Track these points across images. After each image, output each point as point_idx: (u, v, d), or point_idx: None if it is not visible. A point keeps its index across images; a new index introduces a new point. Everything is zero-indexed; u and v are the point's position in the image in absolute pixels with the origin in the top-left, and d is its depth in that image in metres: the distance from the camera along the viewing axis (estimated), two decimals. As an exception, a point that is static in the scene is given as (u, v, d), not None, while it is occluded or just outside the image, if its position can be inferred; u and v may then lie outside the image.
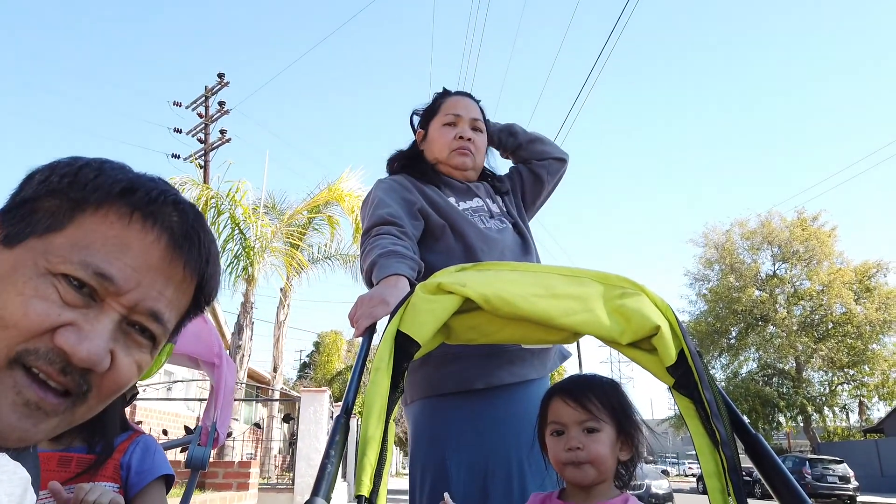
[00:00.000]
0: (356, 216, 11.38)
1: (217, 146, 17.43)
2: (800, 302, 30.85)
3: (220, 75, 17.54)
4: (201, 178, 15.08)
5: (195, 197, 11.36)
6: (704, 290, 33.75)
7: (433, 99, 2.05)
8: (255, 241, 11.86)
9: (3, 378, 0.58)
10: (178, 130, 17.73)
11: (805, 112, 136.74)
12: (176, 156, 17.89)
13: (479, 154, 1.99)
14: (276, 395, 14.30)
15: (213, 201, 11.52)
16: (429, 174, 1.95)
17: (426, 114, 2.04)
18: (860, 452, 26.94)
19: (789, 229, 31.39)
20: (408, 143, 2.11)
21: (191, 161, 17.63)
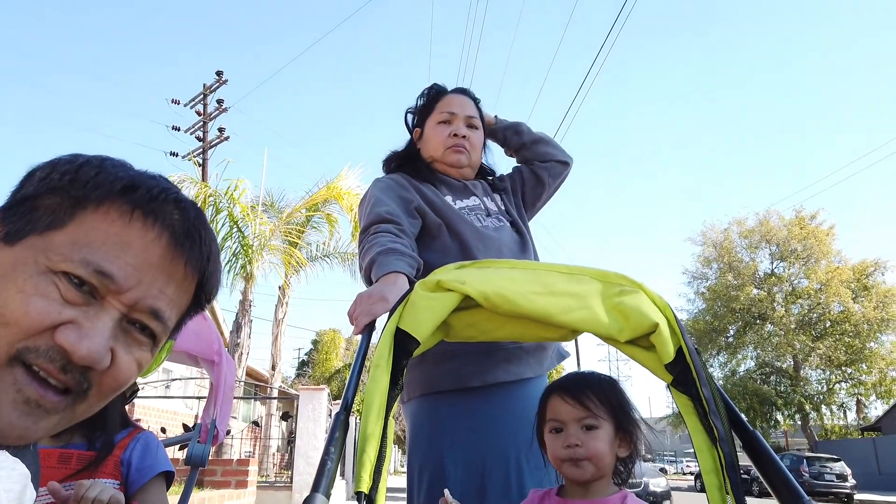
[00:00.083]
0: (355, 214, 11.38)
1: (215, 144, 17.40)
2: (798, 300, 30.89)
3: (219, 73, 17.51)
4: (199, 176, 15.05)
5: (193, 195, 11.33)
6: (703, 289, 33.81)
7: (429, 97, 2.04)
8: (254, 240, 11.85)
9: (4, 376, 0.58)
10: (176, 128, 17.68)
11: (804, 111, 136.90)
12: (174, 154, 17.87)
13: (474, 151, 1.99)
14: (275, 394, 14.30)
15: (212, 199, 11.50)
16: (425, 172, 1.95)
17: (422, 112, 2.04)
18: (858, 450, 26.99)
19: (787, 228, 31.42)
20: (404, 142, 2.11)
21: (189, 159, 17.61)
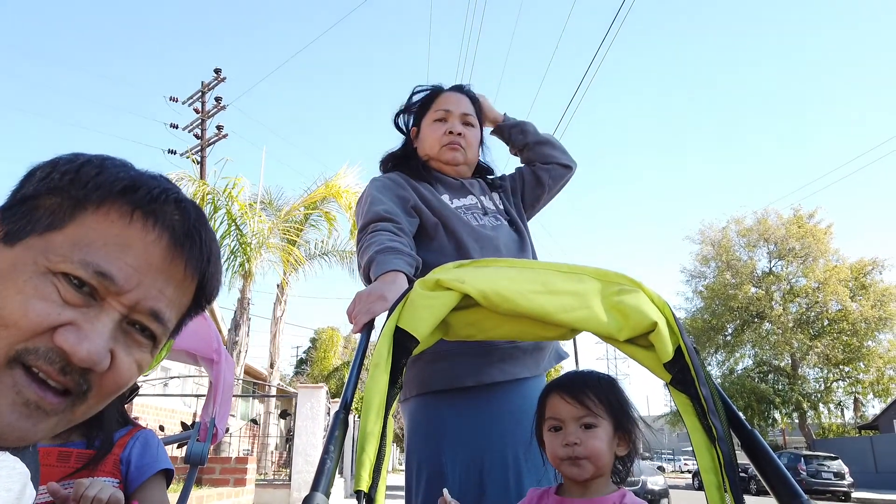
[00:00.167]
0: (353, 212, 11.34)
1: (213, 142, 17.38)
2: (795, 299, 30.96)
3: (217, 71, 17.49)
4: (198, 174, 15.03)
5: (192, 193, 11.32)
6: (701, 287, 33.88)
7: (425, 96, 2.04)
8: (252, 238, 11.83)
9: (3, 377, 0.57)
10: (174, 126, 17.65)
11: (803, 109, 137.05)
12: (172, 151, 17.84)
13: (470, 149, 1.99)
14: (273, 392, 14.31)
15: (210, 197, 11.49)
16: (421, 171, 1.94)
17: (419, 111, 2.04)
18: (855, 449, 27.06)
19: (785, 227, 31.48)
20: (400, 143, 2.10)
21: (187, 157, 17.57)
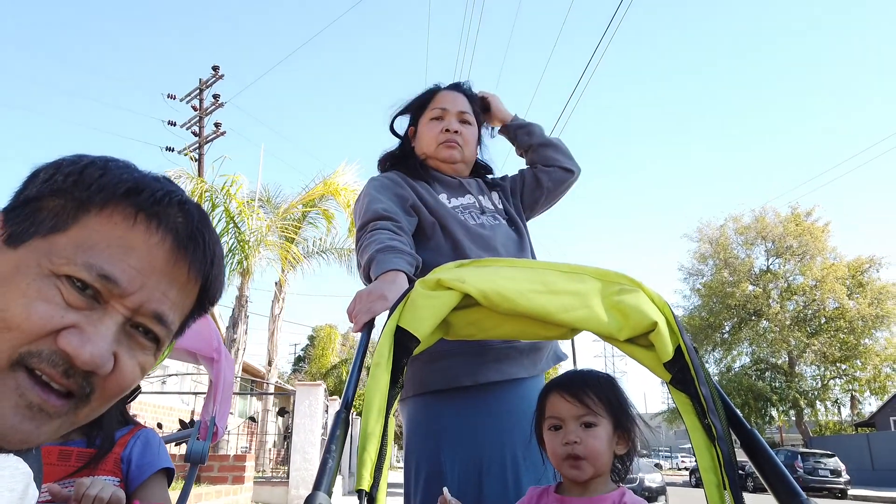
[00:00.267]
0: (352, 210, 11.33)
1: (211, 139, 17.34)
2: (793, 297, 31.01)
3: (215, 68, 17.44)
4: (196, 172, 15.00)
5: (189, 190, 11.30)
6: (698, 285, 33.93)
7: (423, 96, 2.04)
8: (250, 235, 11.82)
9: (6, 380, 0.57)
10: (172, 123, 17.60)
11: (801, 107, 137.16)
12: (170, 149, 17.78)
13: (467, 147, 1.98)
14: (271, 389, 14.32)
15: (208, 195, 11.47)
16: (419, 170, 1.94)
17: (416, 111, 2.04)
18: (852, 446, 27.13)
19: (783, 224, 31.52)
20: (397, 143, 2.10)
21: (185, 154, 17.53)
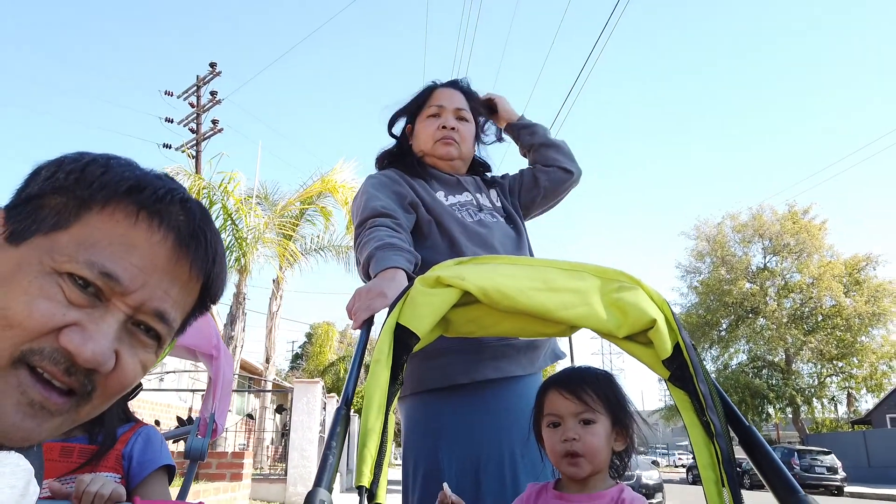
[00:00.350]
0: (350, 207, 11.32)
1: (209, 136, 17.29)
2: (790, 294, 31.08)
3: (213, 64, 17.39)
4: (193, 169, 14.97)
5: (187, 187, 11.16)
6: (696, 283, 34.00)
7: (420, 94, 2.04)
8: (248, 232, 11.81)
9: (8, 377, 0.57)
10: (169, 120, 17.55)
11: (799, 105, 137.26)
12: (167, 146, 17.73)
13: (464, 144, 1.98)
14: (269, 386, 14.31)
15: (205, 192, 11.45)
16: (416, 168, 1.94)
17: (414, 109, 2.04)
18: (848, 443, 27.21)
19: (780, 222, 31.58)
20: (394, 142, 2.10)
21: (182, 151, 17.49)
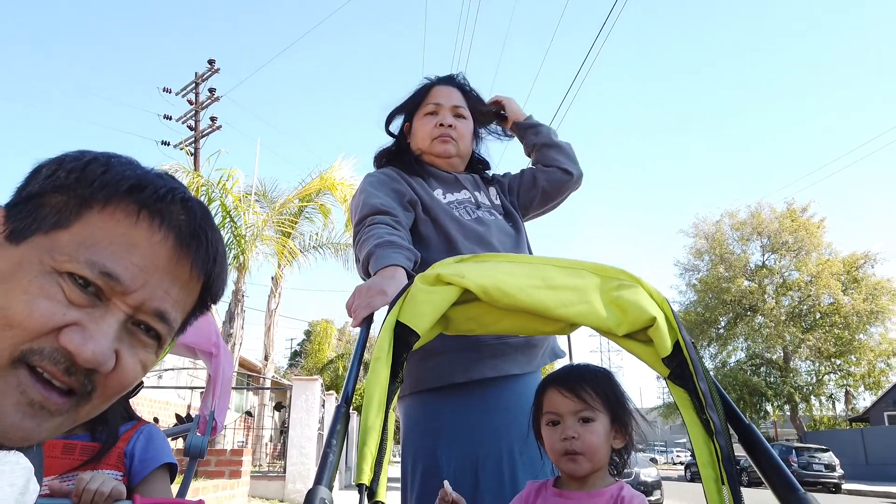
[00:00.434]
0: (349, 205, 11.32)
1: (207, 133, 17.27)
2: (788, 292, 31.10)
3: (211, 62, 17.36)
4: (191, 166, 14.95)
5: (185, 184, 11.23)
6: (694, 281, 33.98)
7: (416, 92, 2.03)
8: (246, 230, 11.81)
9: (8, 377, 0.57)
10: (168, 117, 17.53)
11: (797, 103, 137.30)
12: (166, 143, 17.73)
13: (461, 141, 1.98)
14: (268, 384, 14.30)
15: (204, 189, 11.46)
16: (414, 166, 1.94)
17: (411, 107, 2.03)
18: (846, 441, 27.28)
19: (779, 220, 31.59)
20: (391, 141, 2.09)
21: (181, 148, 17.48)
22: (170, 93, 17.57)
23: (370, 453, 1.03)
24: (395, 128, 2.10)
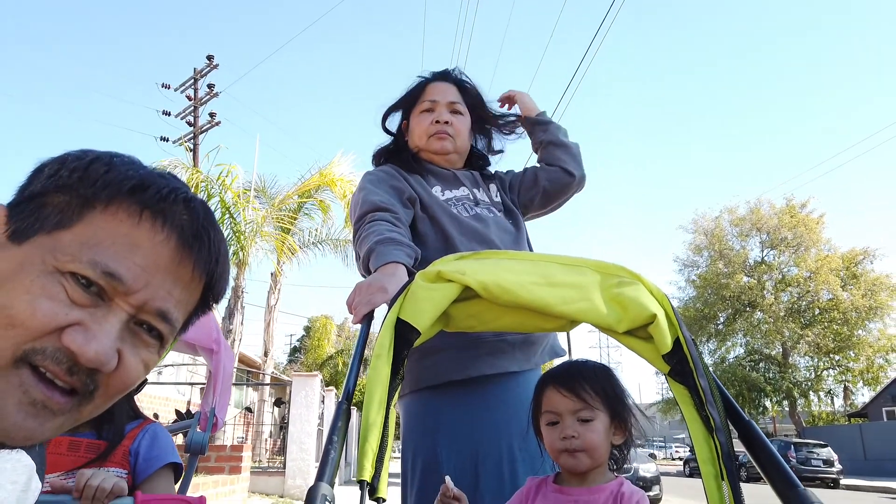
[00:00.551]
0: (348, 201, 11.34)
1: (206, 129, 17.25)
2: (787, 288, 31.13)
3: (210, 57, 17.33)
4: (191, 162, 14.94)
5: (184, 180, 11.20)
6: (693, 276, 34.00)
7: (413, 89, 2.02)
8: (246, 226, 11.81)
9: (10, 377, 0.57)
10: (166, 113, 17.51)
11: (796, 100, 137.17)
12: (165, 139, 17.70)
13: (458, 137, 1.97)
14: (267, 380, 14.32)
15: (203, 185, 11.44)
16: (412, 163, 1.93)
17: (408, 105, 2.02)
18: (844, 436, 27.33)
19: (778, 216, 31.59)
20: (390, 139, 2.09)
21: (180, 144, 17.46)
22: (168, 89, 17.55)
23: (371, 450, 1.03)
24: (392, 126, 2.09)
